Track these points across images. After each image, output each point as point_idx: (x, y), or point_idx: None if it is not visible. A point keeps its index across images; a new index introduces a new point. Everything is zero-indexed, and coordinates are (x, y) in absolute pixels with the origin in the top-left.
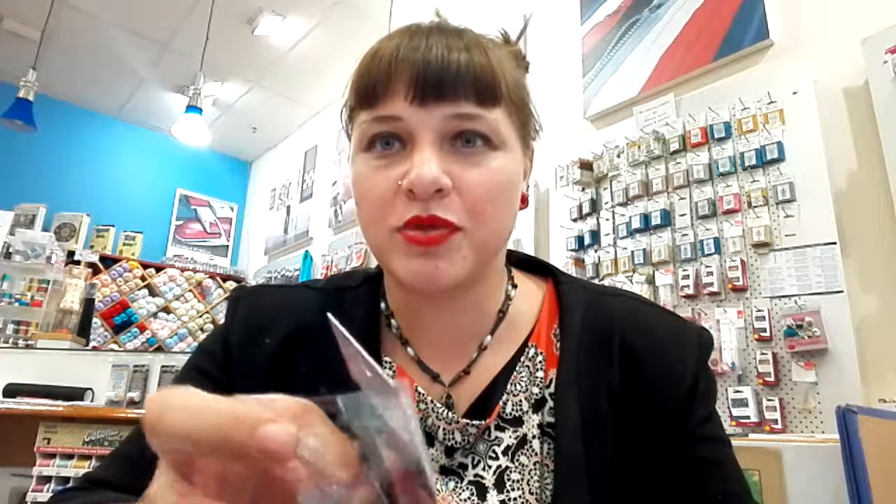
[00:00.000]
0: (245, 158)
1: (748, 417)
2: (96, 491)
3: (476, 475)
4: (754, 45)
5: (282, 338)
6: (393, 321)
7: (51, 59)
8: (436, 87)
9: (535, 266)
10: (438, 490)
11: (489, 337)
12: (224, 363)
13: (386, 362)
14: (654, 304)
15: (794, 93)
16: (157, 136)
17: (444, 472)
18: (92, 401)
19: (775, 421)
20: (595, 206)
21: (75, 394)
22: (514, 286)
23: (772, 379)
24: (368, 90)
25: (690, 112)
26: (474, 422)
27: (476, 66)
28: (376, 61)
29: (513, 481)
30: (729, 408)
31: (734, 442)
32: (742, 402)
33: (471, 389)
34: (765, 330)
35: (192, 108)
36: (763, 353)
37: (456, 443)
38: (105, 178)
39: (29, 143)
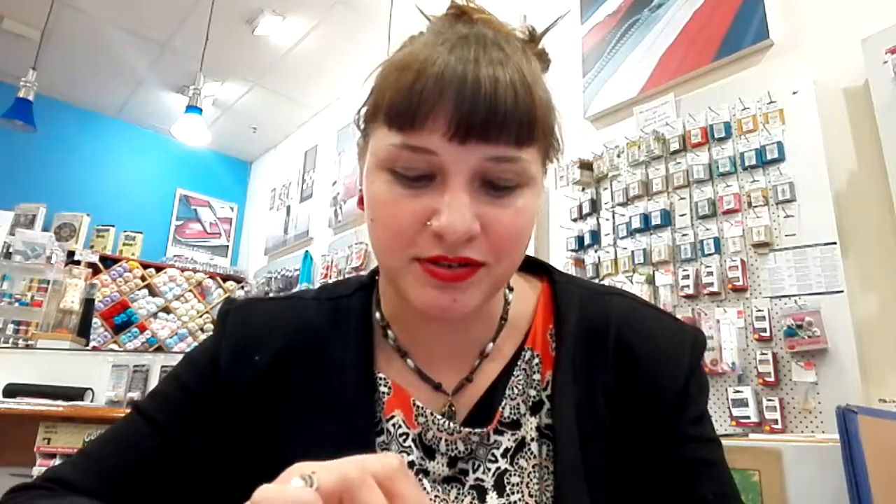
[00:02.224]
0: (245, 158)
1: (748, 417)
2: (60, 493)
3: (476, 479)
4: (754, 45)
5: (273, 354)
6: (389, 332)
7: (51, 59)
8: (480, 128)
9: (528, 265)
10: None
11: (491, 344)
12: (211, 384)
13: (380, 379)
14: (649, 304)
15: (794, 93)
16: (157, 136)
17: (446, 480)
18: (92, 401)
19: (775, 421)
20: (595, 206)
21: (75, 394)
22: (511, 289)
23: (772, 379)
24: (403, 114)
25: (690, 112)
26: (476, 430)
27: (521, 105)
28: (419, 84)
29: (512, 485)
30: (729, 408)
31: (734, 442)
32: (742, 402)
33: (471, 397)
34: (765, 330)
35: (192, 108)
36: (763, 353)
37: (460, 452)
38: (105, 178)
39: (29, 143)
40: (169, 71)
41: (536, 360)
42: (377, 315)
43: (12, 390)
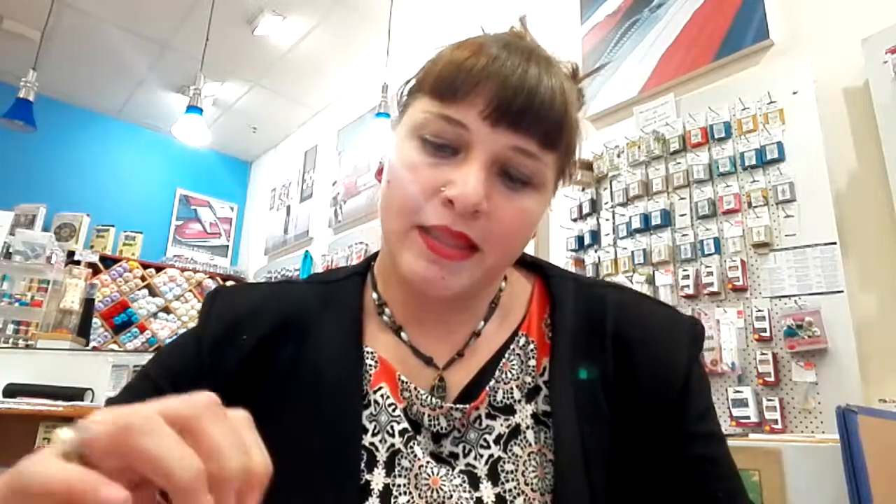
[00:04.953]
0: (245, 158)
1: (748, 417)
2: None
3: (468, 464)
4: (754, 45)
5: (261, 334)
6: (386, 309)
7: (51, 59)
8: (515, 115)
9: (523, 262)
10: (428, 474)
11: (483, 323)
12: (188, 377)
13: (368, 353)
14: (645, 296)
15: (794, 93)
16: (157, 136)
17: (435, 458)
18: (92, 401)
19: (775, 421)
20: (595, 206)
21: (75, 394)
22: (505, 279)
23: (772, 379)
24: (448, 86)
25: (690, 112)
26: (458, 406)
27: (556, 110)
28: (470, 61)
29: (507, 472)
30: (729, 408)
31: (735, 442)
32: (742, 402)
33: (463, 375)
34: (765, 330)
35: (192, 108)
36: (763, 353)
37: (442, 428)
38: (105, 178)
39: (29, 143)
40: (169, 71)
41: (532, 347)
42: (374, 295)
43: (12, 390)
